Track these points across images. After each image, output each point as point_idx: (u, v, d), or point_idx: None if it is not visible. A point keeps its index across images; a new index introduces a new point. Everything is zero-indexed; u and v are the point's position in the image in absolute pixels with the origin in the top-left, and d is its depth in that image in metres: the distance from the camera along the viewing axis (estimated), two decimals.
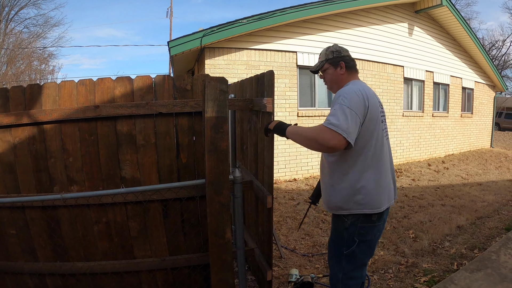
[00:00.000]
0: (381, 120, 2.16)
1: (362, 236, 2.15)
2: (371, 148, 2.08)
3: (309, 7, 7.90)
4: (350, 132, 1.91)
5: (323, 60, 2.35)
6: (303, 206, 6.02)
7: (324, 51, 2.38)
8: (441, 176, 8.97)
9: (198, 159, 2.73)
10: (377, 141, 2.11)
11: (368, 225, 2.15)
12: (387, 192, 2.19)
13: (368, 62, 9.69)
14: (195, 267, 2.84)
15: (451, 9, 11.02)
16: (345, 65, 2.30)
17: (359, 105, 1.98)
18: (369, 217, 2.13)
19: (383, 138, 2.17)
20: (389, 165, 2.26)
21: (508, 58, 35.99)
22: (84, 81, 2.59)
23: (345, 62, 2.30)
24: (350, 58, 2.35)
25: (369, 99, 2.04)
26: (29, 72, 27.23)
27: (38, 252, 2.77)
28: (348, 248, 2.18)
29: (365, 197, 2.09)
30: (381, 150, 2.14)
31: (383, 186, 2.15)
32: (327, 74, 2.36)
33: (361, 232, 2.15)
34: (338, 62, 2.30)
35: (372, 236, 2.20)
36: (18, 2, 26.54)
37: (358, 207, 2.10)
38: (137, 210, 2.70)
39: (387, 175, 2.20)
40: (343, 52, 2.34)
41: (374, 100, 2.10)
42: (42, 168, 2.65)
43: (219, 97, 2.36)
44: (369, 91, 2.12)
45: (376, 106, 2.10)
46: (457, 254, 4.10)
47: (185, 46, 6.92)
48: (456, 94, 13.40)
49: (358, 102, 1.98)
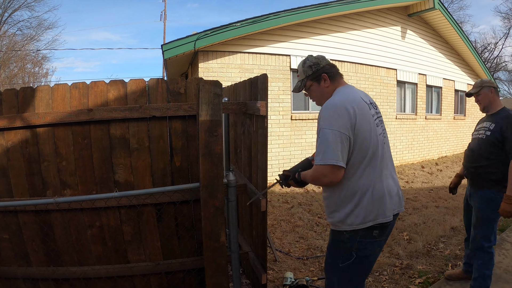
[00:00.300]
0: (376, 123, 2.04)
1: (361, 251, 2.00)
2: (369, 157, 1.94)
3: (302, 10, 7.93)
4: (339, 157, 1.83)
5: (304, 78, 2.18)
6: (297, 209, 6.02)
7: (301, 67, 2.19)
8: (434, 178, 9.02)
9: (192, 162, 2.72)
10: (375, 149, 1.96)
11: (368, 241, 1.99)
12: (391, 201, 2.01)
13: (361, 65, 9.74)
14: (189, 271, 2.83)
15: (444, 13, 11.12)
16: (327, 76, 2.12)
17: (343, 120, 1.86)
18: (370, 231, 1.97)
19: (381, 144, 2.01)
20: (391, 171, 2.10)
21: (500, 61, 36.29)
22: (77, 84, 2.58)
23: (326, 72, 2.12)
24: (329, 65, 2.16)
25: (357, 106, 1.91)
26: (22, 75, 27.06)
27: (31, 257, 2.75)
28: (344, 262, 2.03)
29: (365, 210, 1.94)
30: (381, 157, 2.00)
31: (385, 196, 1.97)
32: (312, 91, 2.20)
33: (360, 247, 1.99)
34: (320, 75, 2.12)
35: (372, 252, 2.04)
36: (11, 4, 26.39)
37: (358, 220, 1.95)
38: (131, 214, 2.69)
39: (389, 183, 2.03)
40: (321, 62, 2.15)
41: (362, 105, 1.96)
42: (35, 172, 2.63)
43: (213, 101, 2.36)
44: (355, 96, 1.99)
45: (366, 111, 1.96)
46: (452, 255, 4.12)
47: (178, 49, 6.92)
48: (449, 96, 13.50)
49: (341, 117, 1.87)
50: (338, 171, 1.87)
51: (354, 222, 1.96)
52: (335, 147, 1.84)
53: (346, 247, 2.01)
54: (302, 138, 8.62)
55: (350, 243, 1.99)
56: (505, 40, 39.95)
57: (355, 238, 1.98)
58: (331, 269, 2.13)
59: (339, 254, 2.05)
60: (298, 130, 8.53)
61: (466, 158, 3.18)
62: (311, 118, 8.67)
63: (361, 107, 1.95)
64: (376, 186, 1.95)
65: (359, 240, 1.98)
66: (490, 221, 2.95)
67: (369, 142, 1.93)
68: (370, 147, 1.93)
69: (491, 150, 2.88)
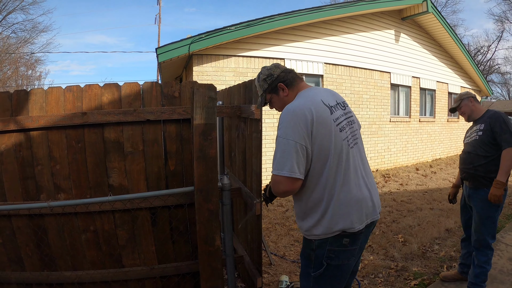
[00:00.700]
0: (341, 127, 1.92)
1: (331, 260, 1.90)
2: (331, 164, 1.83)
3: (297, 14, 7.96)
4: (293, 168, 1.77)
5: (263, 93, 2.13)
6: (292, 213, 6.01)
7: (257, 83, 2.16)
8: (429, 180, 9.06)
9: (186, 166, 2.72)
10: (338, 156, 1.85)
11: (338, 249, 1.89)
12: (360, 209, 1.90)
13: (355, 69, 9.79)
14: (184, 275, 2.82)
15: (437, 16, 11.21)
16: (284, 84, 2.07)
17: (299, 129, 1.78)
18: (340, 239, 1.87)
19: (346, 149, 1.89)
20: (362, 177, 1.97)
21: (493, 63, 36.62)
22: (71, 88, 2.58)
23: (282, 81, 2.07)
24: (285, 72, 2.10)
25: (315, 110, 1.82)
26: (16, 77, 26.93)
27: (25, 261, 2.72)
28: (315, 271, 1.94)
29: (330, 219, 1.84)
30: (346, 163, 1.88)
31: (352, 204, 1.87)
32: (274, 103, 2.16)
33: (330, 255, 1.89)
34: (276, 86, 2.08)
35: (345, 261, 1.92)
36: (6, 7, 26.29)
37: (325, 230, 1.86)
38: (125, 218, 2.68)
39: (359, 189, 1.91)
40: (274, 72, 2.09)
41: (322, 109, 1.86)
42: (28, 176, 2.61)
43: (207, 104, 2.36)
44: (314, 100, 1.89)
45: (325, 115, 1.85)
46: (447, 257, 4.14)
47: (173, 53, 6.91)
48: (443, 99, 13.59)
49: (297, 125, 1.78)
50: (294, 182, 1.80)
51: (321, 232, 1.87)
52: (289, 158, 1.77)
53: (317, 255, 1.93)
54: None
55: (320, 251, 1.91)
56: (498, 43, 40.34)
57: (324, 246, 1.89)
58: (303, 278, 2.05)
59: (310, 263, 1.97)
60: None
61: (463, 161, 3.25)
62: None
63: (320, 111, 1.85)
64: (341, 195, 1.85)
65: (328, 249, 1.89)
66: (493, 219, 3.04)
67: (328, 149, 1.83)
68: (330, 154, 1.83)
69: (486, 148, 3.02)
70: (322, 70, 8.99)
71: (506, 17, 36.17)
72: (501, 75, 38.76)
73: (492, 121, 2.99)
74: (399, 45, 11.15)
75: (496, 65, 37.51)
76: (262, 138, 2.64)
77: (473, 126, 3.23)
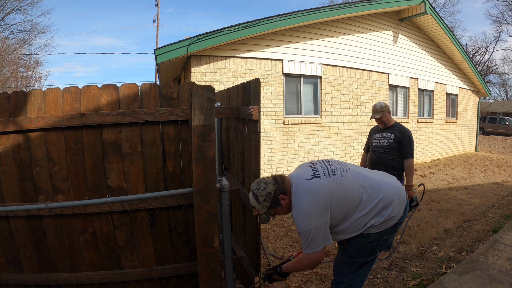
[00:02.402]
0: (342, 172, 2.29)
1: (382, 246, 2.33)
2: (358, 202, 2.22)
3: (295, 15, 7.97)
4: (321, 241, 2.16)
5: (267, 210, 2.27)
6: (289, 214, 6.00)
7: (257, 204, 2.25)
8: (427, 181, 9.06)
9: (184, 167, 2.72)
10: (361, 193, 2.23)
11: (391, 235, 2.36)
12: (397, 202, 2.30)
13: (353, 70, 9.80)
14: (183, 276, 2.82)
15: (435, 17, 11.23)
16: (283, 196, 2.24)
17: (319, 215, 2.14)
18: (395, 226, 2.32)
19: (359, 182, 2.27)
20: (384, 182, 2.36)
21: (491, 64, 36.70)
22: (69, 89, 2.57)
23: (280, 194, 2.24)
24: (277, 183, 2.26)
25: (331, 196, 2.16)
26: (15, 79, 26.89)
27: (23, 263, 2.72)
28: (366, 258, 2.32)
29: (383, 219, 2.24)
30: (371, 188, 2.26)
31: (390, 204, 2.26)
32: (279, 212, 2.34)
33: (384, 243, 2.32)
34: (278, 200, 2.24)
35: None
36: (4, 8, 26.24)
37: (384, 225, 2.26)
38: (124, 220, 2.68)
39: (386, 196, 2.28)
40: (270, 189, 2.22)
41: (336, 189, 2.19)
42: (27, 177, 2.61)
43: (206, 105, 2.36)
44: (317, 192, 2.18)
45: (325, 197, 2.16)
46: (445, 257, 4.14)
47: (171, 54, 6.90)
48: (441, 100, 13.60)
49: (317, 214, 2.14)
50: (324, 250, 2.20)
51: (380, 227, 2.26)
52: (316, 235, 2.15)
53: (373, 246, 2.28)
54: (295, 142, 8.64)
55: (377, 242, 2.27)
56: (496, 43, 40.41)
57: (382, 236, 2.27)
58: (344, 265, 2.40)
59: (363, 254, 2.31)
60: (291, 134, 8.55)
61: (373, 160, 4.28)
62: (303, 123, 8.70)
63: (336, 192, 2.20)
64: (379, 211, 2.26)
65: (385, 238, 2.29)
66: None
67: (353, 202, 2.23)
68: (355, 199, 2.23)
69: (393, 152, 4.14)
70: (320, 71, 9.00)
71: (503, 18, 36.29)
72: (499, 75, 38.89)
73: (401, 134, 4.11)
74: (397, 46, 11.17)
75: (494, 66, 37.62)
76: (260, 139, 2.63)
77: (382, 132, 4.26)
